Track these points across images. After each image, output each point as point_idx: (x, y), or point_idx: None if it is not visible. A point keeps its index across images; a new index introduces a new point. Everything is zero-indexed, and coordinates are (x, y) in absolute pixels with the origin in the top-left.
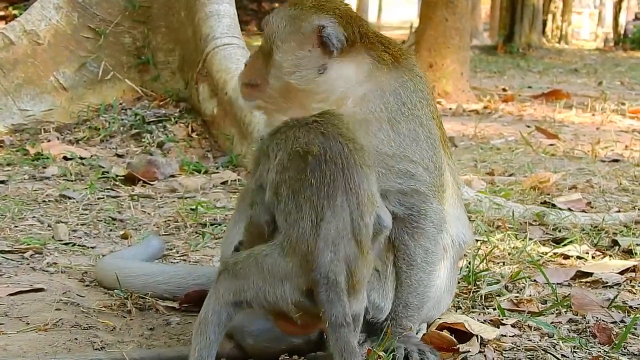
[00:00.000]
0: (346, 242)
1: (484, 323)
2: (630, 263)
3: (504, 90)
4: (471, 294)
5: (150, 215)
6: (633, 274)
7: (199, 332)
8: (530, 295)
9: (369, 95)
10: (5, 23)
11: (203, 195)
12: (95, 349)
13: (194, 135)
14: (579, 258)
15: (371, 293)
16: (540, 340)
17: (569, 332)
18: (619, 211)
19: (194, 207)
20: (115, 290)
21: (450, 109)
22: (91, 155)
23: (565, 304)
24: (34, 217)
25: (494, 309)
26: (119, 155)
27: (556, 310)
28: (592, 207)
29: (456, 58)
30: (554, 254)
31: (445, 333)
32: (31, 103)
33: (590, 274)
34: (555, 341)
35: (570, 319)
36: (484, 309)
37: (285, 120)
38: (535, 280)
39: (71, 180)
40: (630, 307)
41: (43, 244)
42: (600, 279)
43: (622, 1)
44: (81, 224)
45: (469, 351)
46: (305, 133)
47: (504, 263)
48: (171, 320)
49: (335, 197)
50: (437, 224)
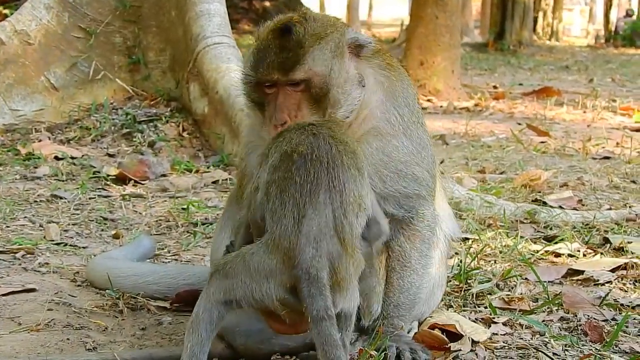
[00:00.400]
0: (328, 239)
1: (475, 321)
2: (621, 261)
3: (495, 87)
4: (462, 292)
5: (141, 214)
6: (624, 272)
7: (191, 331)
8: (521, 294)
9: (386, 104)
10: None
11: (194, 194)
12: (88, 349)
13: (185, 134)
14: (570, 256)
15: (373, 303)
16: (531, 338)
17: (561, 330)
18: (610, 209)
19: (185, 207)
20: (107, 291)
21: (441, 106)
22: (82, 155)
23: (556, 302)
24: (25, 217)
25: (486, 307)
26: (110, 155)
27: (547, 308)
28: (584, 205)
29: (447, 56)
30: (545, 252)
31: (437, 332)
32: (22, 103)
33: (582, 272)
34: (546, 339)
35: (561, 317)
36: (475, 307)
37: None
38: (526, 279)
39: (62, 180)
40: (622, 305)
41: (35, 244)
42: (592, 276)
43: None
44: (73, 224)
45: (461, 350)
46: (298, 135)
47: (495, 261)
48: (163, 320)
49: (317, 195)
50: (432, 227)
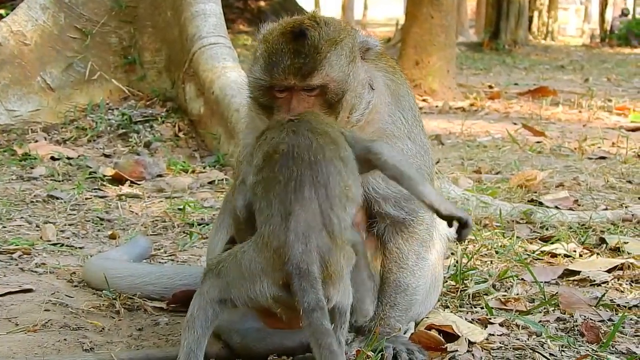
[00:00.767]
0: (317, 234)
1: (471, 322)
2: (617, 261)
3: (490, 87)
4: (459, 293)
5: (137, 215)
6: (621, 272)
7: (186, 329)
8: (517, 294)
9: (392, 107)
10: None
11: (190, 194)
12: (85, 350)
13: (180, 134)
14: (566, 256)
15: (366, 301)
16: (528, 339)
17: (557, 331)
18: (606, 209)
19: (181, 207)
20: (103, 291)
21: (437, 106)
22: (78, 156)
23: (553, 303)
24: (22, 218)
25: (482, 308)
26: (106, 155)
27: (544, 308)
28: (580, 205)
29: (442, 55)
30: (542, 252)
31: (433, 332)
32: (18, 103)
33: (578, 272)
34: (543, 340)
35: (558, 317)
36: (471, 307)
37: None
38: (522, 279)
39: (59, 181)
40: (618, 306)
41: (31, 244)
42: (588, 277)
43: None
44: (69, 224)
45: (457, 350)
46: (278, 133)
47: (491, 262)
48: (160, 320)
49: (302, 191)
50: (430, 230)
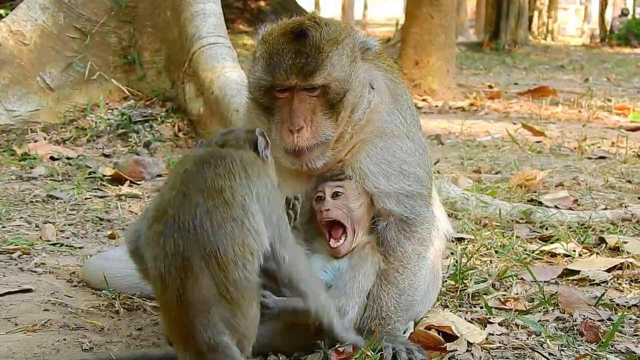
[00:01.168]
0: (215, 304)
1: (471, 322)
2: (617, 261)
3: (490, 87)
4: (458, 292)
5: (137, 215)
6: (620, 272)
7: None
8: (517, 294)
9: (391, 106)
10: None
11: None
12: (84, 350)
13: (180, 134)
14: (566, 256)
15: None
16: (527, 338)
17: (557, 330)
18: (605, 209)
19: None
20: (103, 291)
21: (437, 106)
22: (78, 155)
23: (552, 302)
24: (21, 218)
25: (481, 307)
26: (106, 155)
27: (543, 308)
28: (579, 205)
29: (442, 55)
30: (541, 251)
31: (433, 332)
32: (18, 103)
33: (577, 272)
34: (542, 339)
35: (557, 317)
36: (471, 307)
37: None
38: (522, 279)
39: (58, 181)
40: (618, 305)
41: (31, 244)
42: (587, 276)
43: None
44: (69, 224)
45: (457, 350)
46: (170, 191)
47: (491, 261)
48: (159, 320)
49: (192, 267)
50: (430, 230)
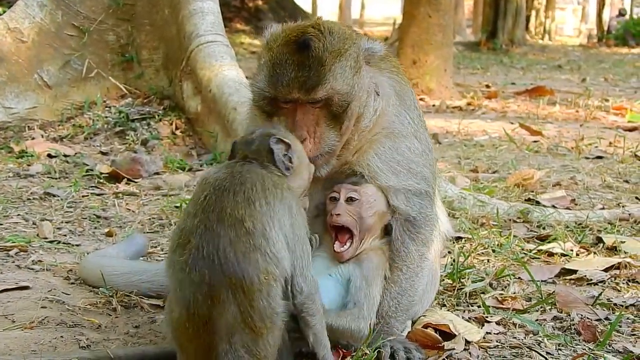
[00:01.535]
0: (239, 331)
1: (468, 320)
2: (614, 260)
3: (488, 86)
4: (456, 291)
5: (134, 212)
6: (617, 271)
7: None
8: (514, 293)
9: (398, 107)
10: None
11: (187, 192)
12: (81, 347)
13: (178, 132)
14: (563, 255)
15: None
16: (525, 337)
17: (554, 330)
18: (603, 208)
19: (178, 205)
20: (100, 288)
21: (434, 105)
22: (75, 153)
23: (549, 302)
24: (18, 215)
25: (479, 306)
26: (103, 153)
27: (541, 307)
28: (577, 204)
29: (439, 54)
30: (539, 251)
31: (430, 331)
32: (15, 101)
33: (575, 272)
34: (540, 339)
35: (554, 316)
36: (468, 306)
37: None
38: (519, 278)
39: (55, 178)
40: (615, 305)
41: (28, 241)
42: (585, 276)
43: None
44: (66, 222)
45: (454, 349)
46: (191, 220)
47: (488, 260)
48: (156, 317)
49: (219, 296)
50: (433, 231)
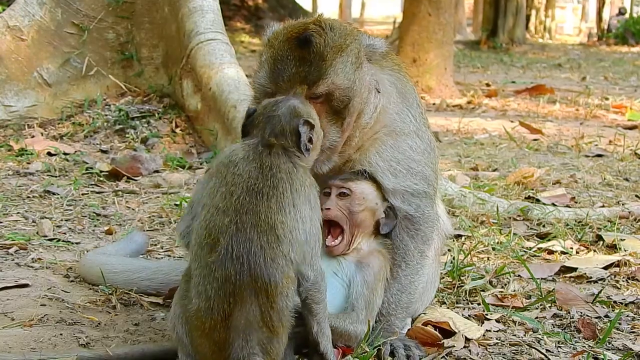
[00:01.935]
0: (257, 329)
1: (468, 318)
2: (614, 258)
3: (488, 85)
4: (456, 289)
5: (134, 210)
6: (617, 269)
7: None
8: (514, 290)
9: (400, 105)
10: None
11: (187, 190)
12: (81, 345)
13: (177, 130)
14: (563, 253)
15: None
16: (524, 335)
17: (554, 327)
18: (603, 206)
19: (178, 203)
20: (99, 286)
21: (434, 104)
22: (75, 151)
23: (549, 299)
24: (18, 213)
25: (479, 304)
26: (103, 151)
27: (540, 305)
28: (576, 202)
29: (440, 53)
30: (538, 249)
31: (430, 328)
32: (15, 99)
33: (575, 269)
34: (539, 336)
35: (554, 314)
36: (468, 303)
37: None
38: (519, 275)
39: (55, 176)
40: (615, 302)
41: (28, 239)
42: (585, 274)
43: None
44: (65, 220)
45: (454, 346)
46: (221, 217)
47: (488, 258)
48: (156, 315)
49: (242, 295)
50: (433, 228)
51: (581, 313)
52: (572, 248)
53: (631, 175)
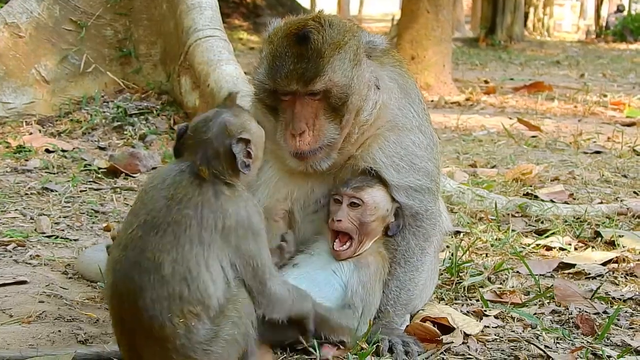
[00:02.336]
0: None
1: (467, 314)
2: (612, 254)
3: (486, 82)
4: (454, 285)
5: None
6: (615, 265)
7: None
8: (513, 287)
9: (402, 100)
10: None
11: None
12: (79, 341)
13: (176, 127)
14: (561, 249)
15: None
16: (523, 331)
17: (552, 323)
18: (601, 202)
19: None
20: (98, 283)
21: (432, 101)
22: (73, 148)
23: (548, 295)
24: (16, 210)
25: (477, 300)
26: (101, 148)
27: (539, 301)
28: (575, 199)
29: (438, 50)
30: (537, 245)
31: (428, 324)
32: (13, 96)
33: (573, 265)
34: (538, 332)
35: (553, 310)
36: (467, 300)
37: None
38: (518, 272)
39: (53, 173)
40: (613, 298)
41: (26, 236)
42: (583, 270)
43: None
44: (64, 217)
45: (453, 342)
46: (116, 249)
47: (486, 254)
48: None
49: (138, 334)
50: (435, 225)
51: (580, 309)
52: (571, 244)
53: (629, 172)
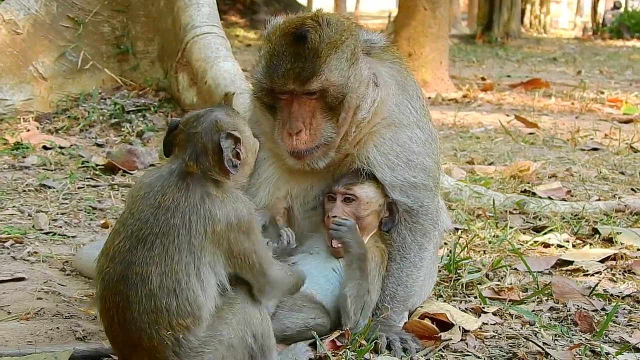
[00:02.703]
0: None
1: (465, 311)
2: (610, 251)
3: (483, 79)
4: (452, 282)
5: None
6: (613, 262)
7: None
8: (511, 284)
9: (399, 96)
10: None
11: None
12: (77, 338)
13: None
14: (559, 246)
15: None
16: (521, 328)
17: (550, 320)
18: (599, 199)
19: None
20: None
21: (430, 98)
22: (71, 145)
23: (546, 292)
24: (14, 207)
25: (475, 297)
26: (99, 145)
27: (537, 298)
28: (573, 196)
29: (435, 47)
30: (535, 242)
31: (427, 321)
32: (10, 92)
33: (571, 262)
34: (536, 329)
35: (551, 307)
36: (465, 297)
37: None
38: (516, 269)
39: (51, 170)
40: (611, 295)
41: (23, 233)
42: (581, 267)
43: None
44: (61, 213)
45: (451, 339)
46: (103, 259)
47: (484, 252)
48: None
49: (129, 347)
50: (434, 221)
51: (578, 306)
52: (569, 241)
53: (627, 169)
